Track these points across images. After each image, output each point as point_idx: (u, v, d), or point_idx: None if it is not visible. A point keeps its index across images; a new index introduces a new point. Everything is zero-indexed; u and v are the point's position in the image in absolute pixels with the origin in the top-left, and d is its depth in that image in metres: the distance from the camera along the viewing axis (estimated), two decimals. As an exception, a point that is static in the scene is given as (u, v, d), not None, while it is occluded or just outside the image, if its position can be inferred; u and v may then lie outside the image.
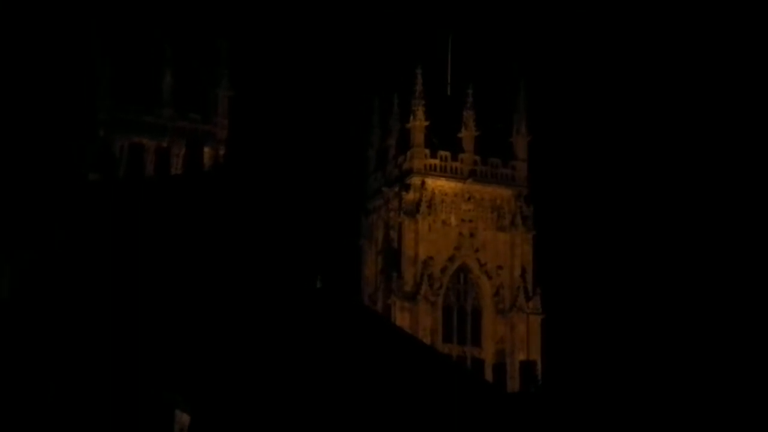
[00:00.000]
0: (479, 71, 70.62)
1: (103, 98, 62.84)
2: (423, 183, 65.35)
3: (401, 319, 62.08)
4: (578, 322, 68.33)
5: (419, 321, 63.17)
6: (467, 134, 66.61)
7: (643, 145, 77.44)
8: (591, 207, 73.53)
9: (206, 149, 63.48)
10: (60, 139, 61.51)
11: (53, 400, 23.81)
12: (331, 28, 78.93)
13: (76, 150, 62.06)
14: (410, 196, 65.34)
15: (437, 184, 65.59)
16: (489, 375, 62.86)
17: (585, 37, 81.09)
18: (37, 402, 23.94)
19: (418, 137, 65.66)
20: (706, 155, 75.34)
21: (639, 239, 71.59)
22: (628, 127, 77.72)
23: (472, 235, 65.77)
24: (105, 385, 23.93)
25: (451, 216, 65.83)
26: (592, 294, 70.11)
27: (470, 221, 66.08)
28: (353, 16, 77.75)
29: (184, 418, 22.58)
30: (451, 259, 65.38)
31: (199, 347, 25.90)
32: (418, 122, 65.71)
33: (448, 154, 66.19)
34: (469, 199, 66.14)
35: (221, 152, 63.57)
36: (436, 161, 66.01)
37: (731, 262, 67.76)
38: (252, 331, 26.82)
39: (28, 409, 23.75)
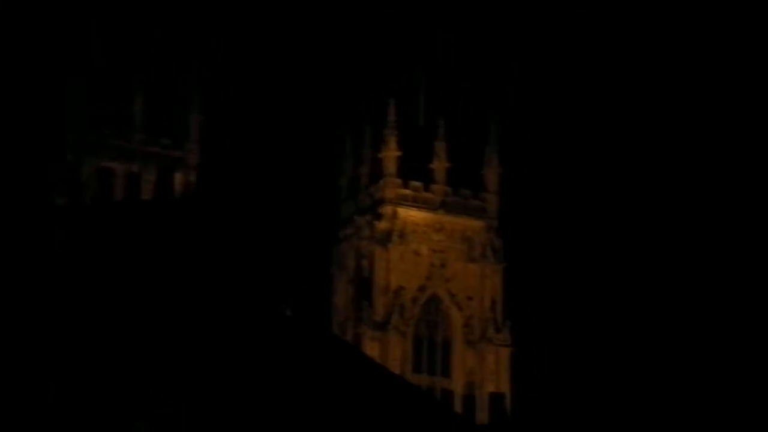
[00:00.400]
0: (452, 103, 70.95)
1: (72, 121, 62.13)
2: (395, 212, 65.40)
3: (371, 348, 61.73)
4: (547, 355, 68.24)
5: (389, 351, 62.94)
6: (439, 165, 66.83)
7: (614, 179, 77.94)
8: (561, 240, 73.78)
9: (177, 175, 63.09)
10: (26, 162, 60.67)
11: None
12: (304, 56, 79.01)
13: (43, 173, 61.23)
14: (382, 225, 65.31)
15: (409, 213, 65.64)
16: (458, 406, 62.50)
17: (556, 70, 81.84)
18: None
19: (391, 167, 65.79)
20: (676, 185, 76.03)
21: (609, 274, 71.84)
22: (599, 160, 78.25)
23: (443, 265, 65.79)
24: (76, 416, 23.38)
25: (423, 246, 65.82)
26: (562, 327, 70.15)
27: (441, 251, 66.12)
28: (327, 45, 77.89)
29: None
30: (421, 289, 65.31)
31: (167, 376, 25.41)
32: (391, 152, 65.88)
33: (420, 184, 66.40)
34: (440, 229, 66.19)
35: (192, 178, 63.11)
36: (408, 191, 66.13)
37: (707, 290, 68.28)
38: (219, 361, 26.35)
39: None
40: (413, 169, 66.86)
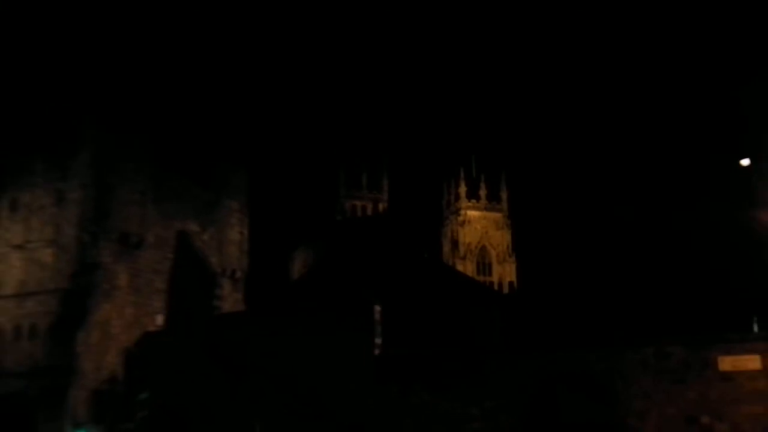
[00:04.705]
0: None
1: (340, 185, 76.73)
2: (466, 213, 79.12)
3: (460, 267, 73.40)
4: (540, 261, 66.12)
5: (466, 268, 76.22)
6: (482, 193, 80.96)
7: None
8: (554, 219, 77.05)
9: (380, 205, 75.53)
10: (323, 204, 78.67)
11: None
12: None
13: (331, 207, 76.35)
14: (461, 217, 79.77)
15: (470, 213, 79.77)
16: (496, 288, 72.71)
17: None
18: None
19: (462, 195, 79.74)
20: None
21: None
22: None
23: (486, 233, 79.50)
24: (342, 295, 22.51)
25: (477, 225, 79.57)
26: (544, 250, 72.28)
27: (485, 227, 78.67)
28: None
29: (377, 308, 20.84)
30: (478, 243, 78.95)
31: (384, 277, 26.07)
32: (462, 189, 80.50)
33: (474, 201, 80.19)
34: (484, 218, 79.19)
35: (385, 206, 75.50)
36: (471, 204, 79.73)
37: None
38: (401, 277, 27.36)
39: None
40: (473, 196, 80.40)
